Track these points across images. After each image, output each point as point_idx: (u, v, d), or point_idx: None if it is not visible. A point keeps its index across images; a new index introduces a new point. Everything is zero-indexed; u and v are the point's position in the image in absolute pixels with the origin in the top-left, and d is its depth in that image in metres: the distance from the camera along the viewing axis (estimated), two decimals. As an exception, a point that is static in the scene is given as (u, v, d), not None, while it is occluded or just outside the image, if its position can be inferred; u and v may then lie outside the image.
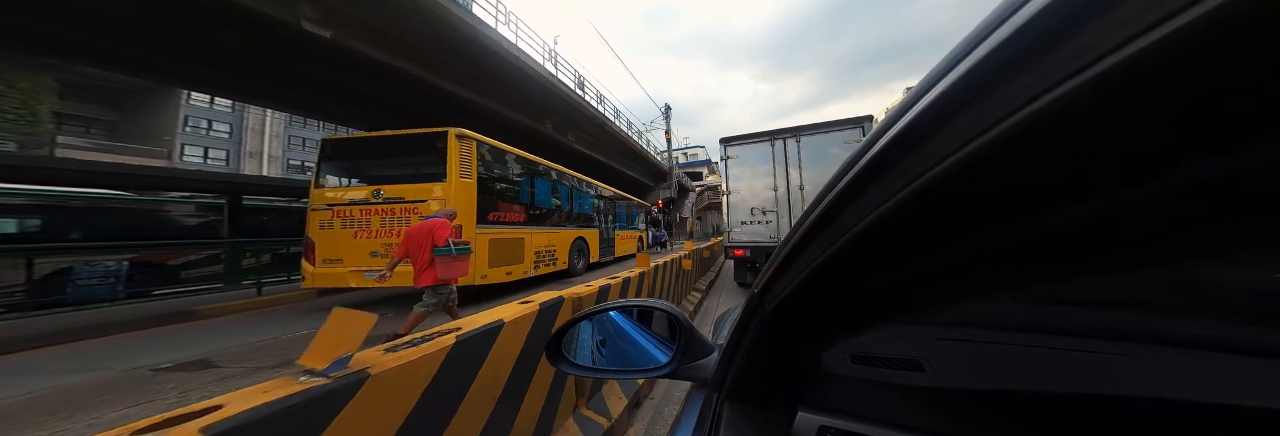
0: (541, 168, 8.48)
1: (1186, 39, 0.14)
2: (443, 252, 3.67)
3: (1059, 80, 0.17)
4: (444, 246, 3.66)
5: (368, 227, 5.83)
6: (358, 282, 5.72)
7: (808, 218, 0.38)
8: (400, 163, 6.31)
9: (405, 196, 5.81)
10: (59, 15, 6.19)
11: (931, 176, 0.24)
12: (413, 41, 8.46)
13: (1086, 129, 0.18)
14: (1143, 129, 0.17)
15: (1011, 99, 0.19)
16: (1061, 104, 0.17)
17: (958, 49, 0.22)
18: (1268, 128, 0.15)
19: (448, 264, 3.70)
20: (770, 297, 0.50)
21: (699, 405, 0.72)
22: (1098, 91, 0.16)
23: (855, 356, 0.55)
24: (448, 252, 3.67)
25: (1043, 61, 0.18)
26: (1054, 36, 0.17)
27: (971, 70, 0.21)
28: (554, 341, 0.79)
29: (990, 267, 0.31)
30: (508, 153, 7.33)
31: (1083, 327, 0.35)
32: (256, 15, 6.50)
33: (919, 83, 0.26)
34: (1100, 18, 0.16)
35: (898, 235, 0.30)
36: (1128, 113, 0.17)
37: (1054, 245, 0.25)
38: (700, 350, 0.75)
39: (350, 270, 5.75)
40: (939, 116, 0.23)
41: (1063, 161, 0.20)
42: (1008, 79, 0.19)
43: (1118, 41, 0.15)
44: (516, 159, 7.59)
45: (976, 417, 0.47)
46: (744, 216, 6.53)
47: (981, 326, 0.42)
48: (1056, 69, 0.17)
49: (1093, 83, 0.16)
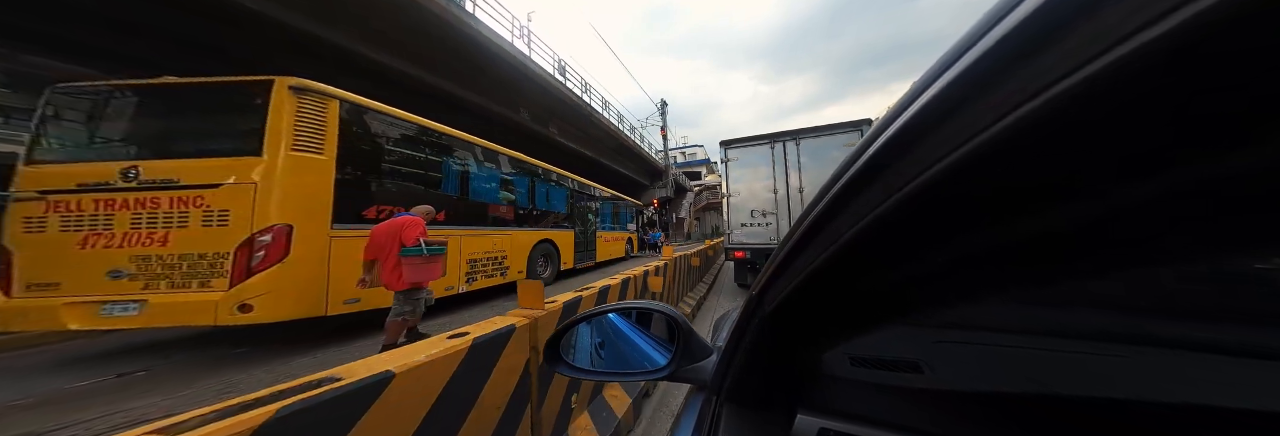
0: (479, 151, 6.31)
1: (1175, 42, 0.14)
2: (411, 253, 3.31)
3: (1050, 83, 0.17)
4: (413, 246, 3.32)
5: (108, 230, 3.43)
6: (82, 323, 3.27)
7: (805, 219, 0.38)
8: (187, 128, 3.83)
9: (180, 179, 3.52)
10: None
11: (927, 178, 0.24)
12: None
13: (1080, 130, 0.18)
14: (1136, 129, 0.17)
15: (1004, 101, 0.19)
16: (1054, 106, 0.18)
17: (951, 51, 0.23)
18: (1262, 127, 0.15)
19: (417, 266, 3.35)
20: (769, 299, 0.50)
21: (698, 407, 0.72)
22: (1089, 93, 0.16)
23: (854, 358, 0.55)
24: (417, 253, 3.32)
25: (1033, 64, 0.18)
26: (1044, 39, 0.18)
27: (964, 72, 0.21)
28: (552, 344, 0.79)
29: (988, 269, 0.31)
30: (406, 123, 4.95)
31: (1081, 329, 0.35)
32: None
33: (913, 85, 0.26)
34: (1088, 21, 0.16)
35: (895, 237, 0.30)
36: (1120, 114, 0.17)
37: (1051, 246, 0.25)
38: (699, 352, 0.75)
39: (71, 302, 3.27)
40: (934, 118, 0.23)
41: (1057, 162, 0.20)
42: (1000, 81, 0.20)
43: (1108, 43, 0.15)
44: (428, 134, 5.28)
45: (975, 419, 0.47)
46: (744, 218, 6.67)
47: (980, 328, 0.42)
48: (1047, 71, 0.17)
49: (1083, 84, 0.16)
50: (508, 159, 7.15)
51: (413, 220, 3.49)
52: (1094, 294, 0.30)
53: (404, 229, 3.39)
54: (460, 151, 5.95)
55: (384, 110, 4.69)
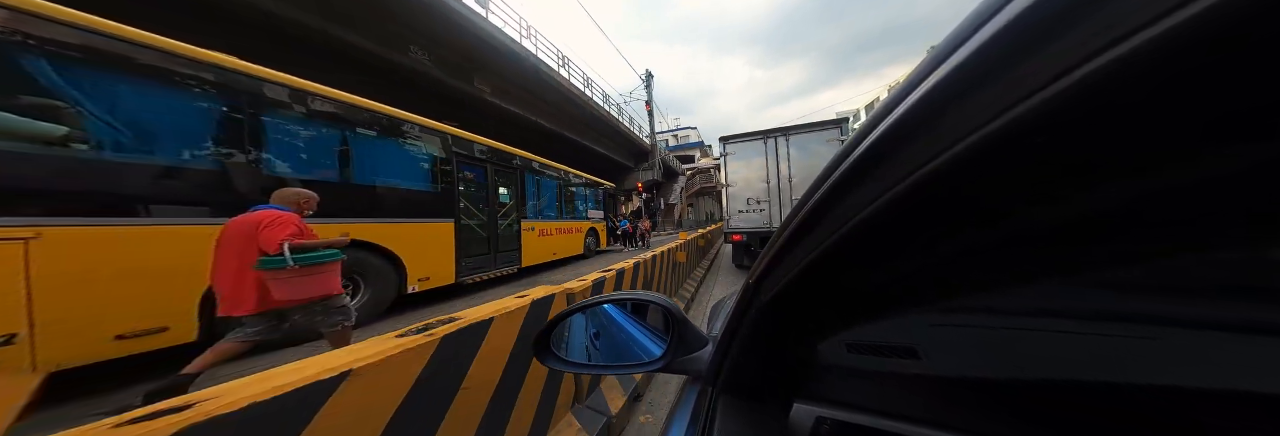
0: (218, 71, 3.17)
1: (1187, 33, 0.14)
2: (271, 265, 2.16)
3: (1049, 80, 0.17)
4: (277, 254, 2.18)
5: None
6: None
7: (804, 206, 0.37)
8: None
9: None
10: None
11: (928, 168, 0.24)
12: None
13: (1081, 122, 0.18)
14: (1135, 124, 0.17)
15: (1006, 94, 0.19)
16: (1053, 102, 0.18)
17: (949, 41, 0.22)
18: (1267, 123, 0.15)
19: (290, 282, 2.23)
20: (766, 287, 0.50)
21: (693, 398, 0.72)
22: (1091, 87, 0.16)
23: (850, 345, 0.55)
24: (280, 266, 2.16)
25: (1034, 57, 0.18)
26: (1047, 31, 0.17)
27: (963, 63, 0.21)
28: (541, 337, 0.78)
29: (986, 254, 0.30)
30: None
31: (1081, 311, 0.35)
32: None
33: (912, 73, 0.26)
34: (1097, 11, 0.16)
35: (894, 224, 0.30)
36: (1120, 109, 0.16)
37: (1052, 230, 0.25)
38: (694, 343, 0.74)
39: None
40: (937, 107, 0.23)
41: (1058, 155, 0.20)
42: (999, 74, 0.20)
43: (1116, 36, 0.15)
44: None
45: (973, 404, 0.47)
46: (741, 205, 7.59)
47: (977, 312, 0.41)
48: (1047, 67, 0.17)
49: (1084, 79, 0.16)
50: (285, 89, 3.67)
51: (274, 216, 2.33)
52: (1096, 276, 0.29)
53: (262, 229, 2.26)
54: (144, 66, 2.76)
55: None
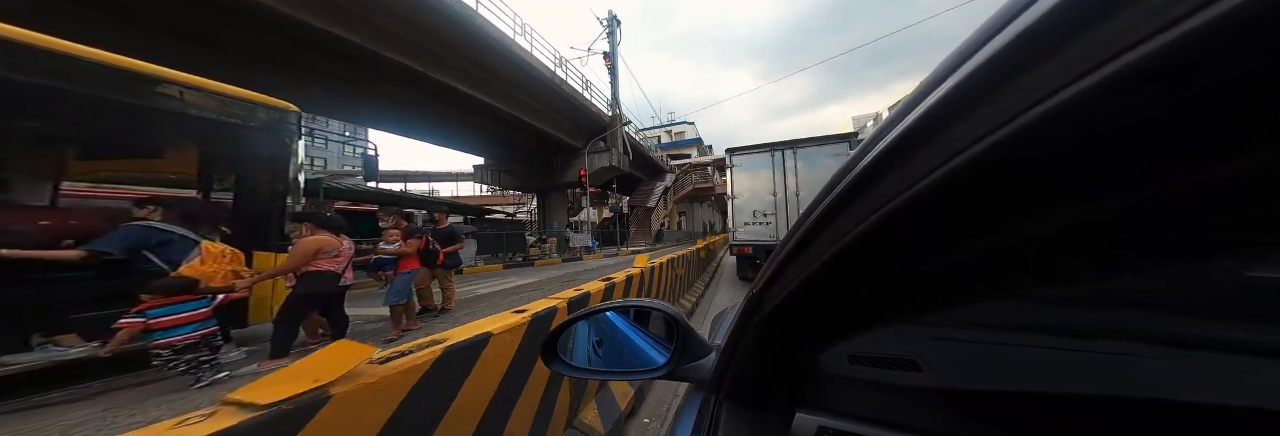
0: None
1: (1199, 40, 0.13)
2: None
3: (1056, 89, 0.17)
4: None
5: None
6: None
7: (807, 219, 0.38)
8: None
9: None
10: None
11: (929, 181, 0.24)
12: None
13: (1085, 133, 0.18)
14: (1138, 134, 0.17)
15: (1009, 106, 0.19)
16: (1058, 112, 0.18)
17: (956, 54, 0.23)
18: (1273, 129, 0.15)
19: None
20: (769, 298, 0.50)
21: (696, 406, 0.72)
22: (1094, 98, 0.16)
23: (852, 356, 0.55)
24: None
25: (1040, 67, 0.18)
26: (1056, 40, 0.17)
27: (970, 76, 0.21)
28: (549, 342, 0.79)
29: (986, 268, 0.31)
30: None
31: (1079, 327, 0.35)
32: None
33: (918, 87, 0.26)
34: (1105, 22, 0.16)
35: (895, 237, 0.31)
36: (1120, 119, 0.17)
37: (1049, 245, 0.25)
38: (697, 351, 0.75)
39: None
40: (938, 121, 0.23)
41: (1059, 165, 0.20)
42: (1004, 87, 0.20)
43: (1125, 45, 0.15)
44: None
45: (972, 417, 0.47)
46: (747, 218, 7.42)
47: (977, 326, 0.42)
48: (1056, 76, 0.17)
49: (1095, 89, 0.16)
50: None
51: None
52: (1093, 292, 0.30)
53: None
54: None
55: None
